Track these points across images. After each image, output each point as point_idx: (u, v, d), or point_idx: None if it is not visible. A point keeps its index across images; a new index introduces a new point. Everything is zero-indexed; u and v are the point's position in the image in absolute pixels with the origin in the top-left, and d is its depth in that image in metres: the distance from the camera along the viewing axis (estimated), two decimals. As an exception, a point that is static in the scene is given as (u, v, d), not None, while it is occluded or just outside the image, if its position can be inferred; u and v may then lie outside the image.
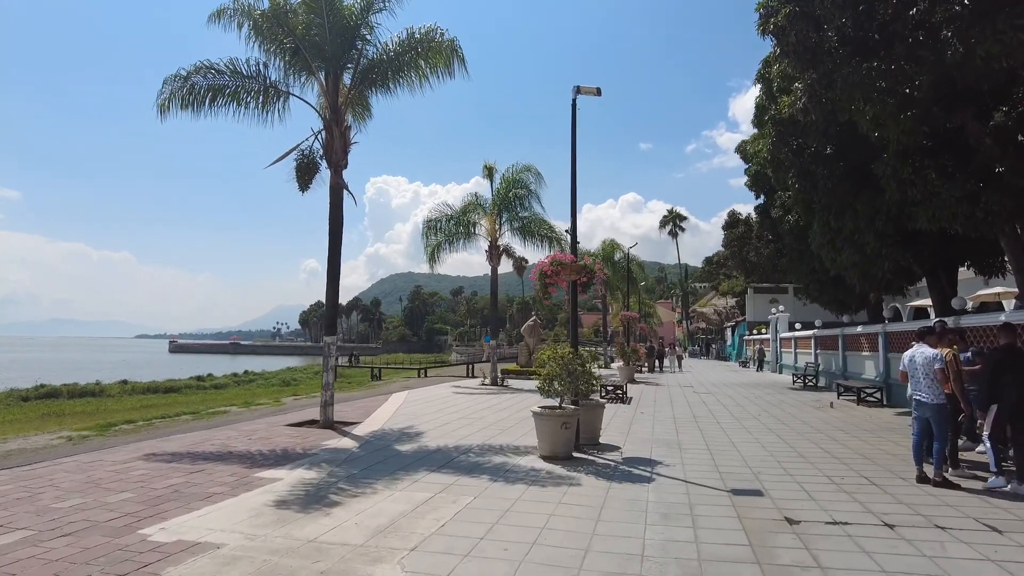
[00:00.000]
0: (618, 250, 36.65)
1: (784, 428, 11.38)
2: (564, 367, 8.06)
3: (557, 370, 8.07)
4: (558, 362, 8.11)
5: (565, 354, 8.17)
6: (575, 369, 8.07)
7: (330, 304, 11.28)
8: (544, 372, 8.13)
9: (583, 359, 8.37)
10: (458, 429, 10.80)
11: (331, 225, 11.38)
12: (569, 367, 8.07)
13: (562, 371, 8.03)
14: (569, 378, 8.03)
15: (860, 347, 18.32)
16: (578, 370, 8.10)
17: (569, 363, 8.11)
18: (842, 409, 14.60)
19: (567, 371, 8.03)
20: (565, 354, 8.17)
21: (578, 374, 8.08)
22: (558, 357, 8.16)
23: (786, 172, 16.24)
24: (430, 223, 20.42)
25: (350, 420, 11.75)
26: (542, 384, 8.09)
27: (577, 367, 8.09)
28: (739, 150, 23.12)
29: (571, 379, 8.04)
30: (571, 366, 8.08)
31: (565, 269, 8.35)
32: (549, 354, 8.22)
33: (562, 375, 8.02)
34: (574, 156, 8.99)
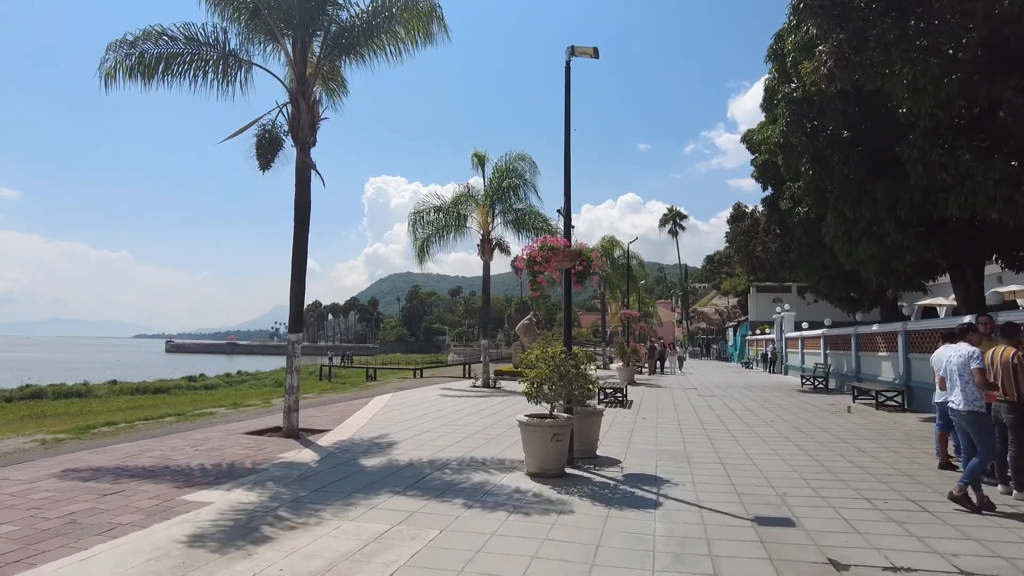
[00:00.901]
0: (617, 247, 35.46)
1: (802, 437, 10.20)
2: (555, 369, 6.88)
3: (547, 372, 6.89)
4: (548, 363, 6.93)
5: (556, 354, 6.99)
6: (568, 371, 6.89)
7: (295, 297, 10.09)
8: (531, 374, 6.94)
9: (578, 359, 7.19)
10: (438, 438, 9.61)
11: (297, 208, 10.20)
12: (561, 369, 6.89)
13: (553, 373, 6.84)
14: (561, 382, 6.84)
15: (876, 347, 17.15)
16: (571, 372, 6.92)
17: (561, 364, 6.93)
18: (860, 414, 13.43)
19: (559, 373, 6.85)
20: (556, 354, 6.99)
21: (571, 377, 6.90)
22: (548, 357, 6.97)
23: (798, 158, 15.06)
24: (417, 215, 19.19)
25: (318, 428, 10.56)
26: (529, 389, 6.91)
27: (570, 369, 6.91)
28: (745, 139, 21.95)
29: (563, 383, 6.86)
30: (563, 368, 6.90)
31: (557, 255, 7.16)
32: (538, 354, 7.03)
33: (553, 378, 6.84)
34: (568, 125, 7.82)
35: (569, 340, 7.75)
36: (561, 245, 7.28)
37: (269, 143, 9.96)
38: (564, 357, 6.98)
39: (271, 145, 9.99)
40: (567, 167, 7.70)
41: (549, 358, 6.95)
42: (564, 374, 6.88)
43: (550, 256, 7.13)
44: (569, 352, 7.35)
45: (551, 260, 7.25)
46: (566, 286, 7.73)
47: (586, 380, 7.01)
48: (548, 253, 7.10)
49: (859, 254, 15.00)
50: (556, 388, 6.85)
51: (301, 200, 10.22)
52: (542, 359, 6.92)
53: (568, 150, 7.73)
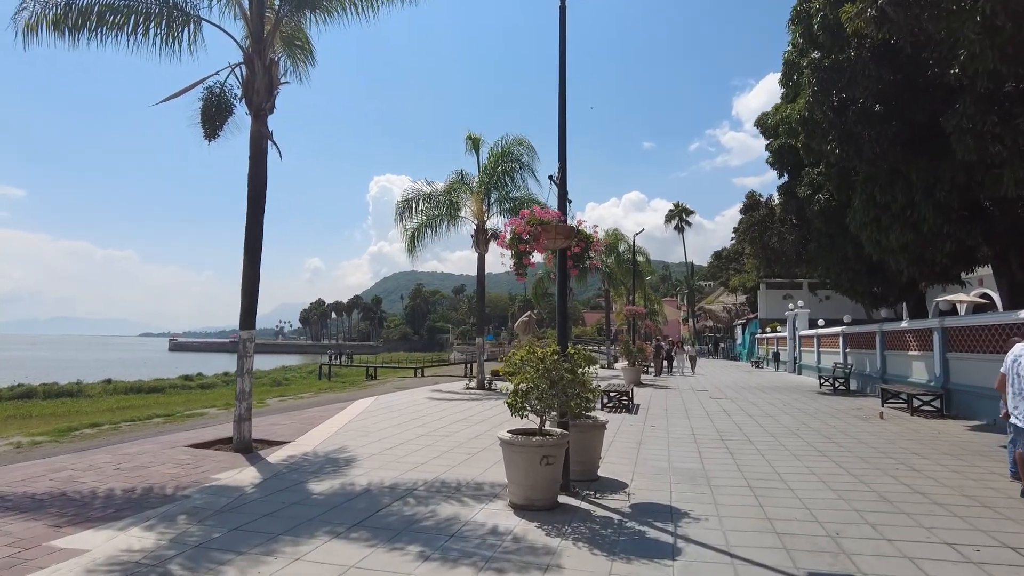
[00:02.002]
0: (622, 241, 33.96)
1: (837, 450, 8.75)
2: (544, 374, 5.46)
3: (534, 378, 5.47)
4: (535, 366, 5.51)
5: (546, 355, 5.56)
6: (561, 377, 5.47)
7: (248, 288, 8.70)
8: (515, 381, 5.53)
9: (574, 362, 5.78)
10: (411, 453, 8.21)
11: (251, 184, 8.80)
12: (552, 374, 5.47)
13: (541, 380, 5.42)
14: (552, 390, 5.43)
15: (906, 346, 15.66)
16: (565, 378, 5.50)
17: (552, 368, 5.51)
18: (895, 420, 11.96)
19: (549, 380, 5.43)
20: (546, 355, 5.56)
21: (566, 384, 5.47)
22: (535, 359, 5.55)
23: (823, 137, 13.57)
24: (406, 204, 17.76)
25: (276, 439, 9.17)
26: (512, 399, 5.49)
27: (564, 374, 5.49)
28: (759, 123, 20.45)
29: (555, 391, 5.44)
30: (555, 372, 5.48)
31: (548, 231, 5.73)
32: (523, 354, 5.61)
33: (541, 385, 5.42)
34: (563, 72, 6.39)
35: (564, 337, 6.33)
36: (553, 218, 5.84)
37: (217, 108, 8.55)
38: (556, 359, 5.56)
39: (219, 111, 8.58)
40: (562, 119, 6.27)
41: (537, 360, 5.53)
42: (556, 380, 5.46)
43: (539, 232, 5.70)
44: (563, 353, 5.94)
45: (540, 237, 5.82)
46: (560, 270, 6.31)
47: (584, 387, 5.58)
48: (537, 228, 5.68)
49: (890, 242, 13.52)
50: (546, 398, 5.43)
51: (256, 175, 8.82)
52: (528, 361, 5.50)
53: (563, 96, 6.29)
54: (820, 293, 42.15)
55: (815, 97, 12.51)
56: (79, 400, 26.63)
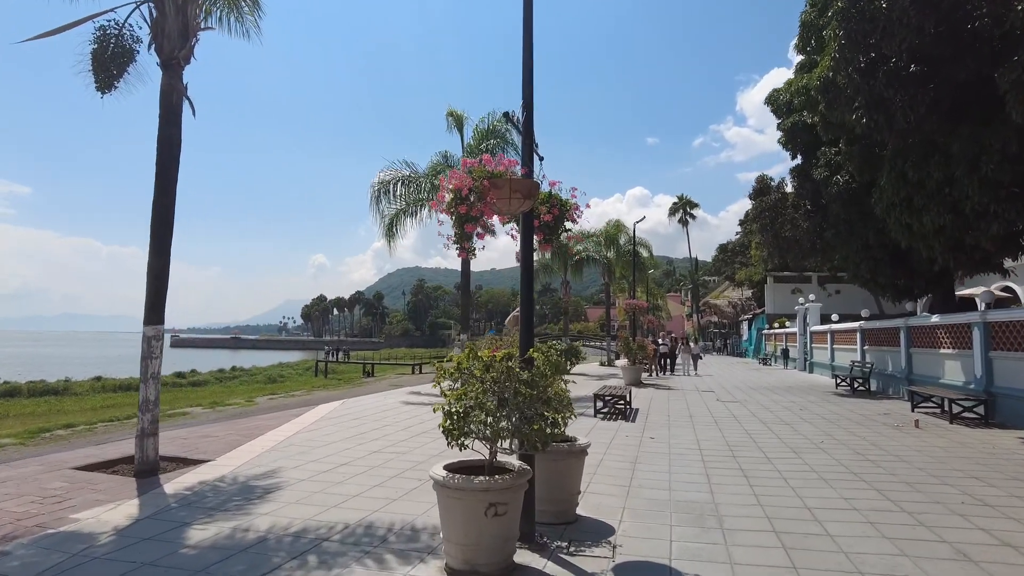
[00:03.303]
0: (623, 233, 32.28)
1: (876, 471, 7.13)
2: (493, 387, 3.86)
3: (479, 394, 3.87)
4: (482, 376, 3.90)
5: (495, 360, 3.96)
6: (516, 391, 3.87)
7: (154, 275, 7.11)
8: (450, 396, 3.93)
9: (539, 370, 4.17)
10: (350, 479, 6.63)
11: (160, 149, 7.22)
12: (501, 387, 3.87)
13: (487, 395, 3.82)
14: (503, 410, 3.83)
15: (937, 343, 13.99)
16: (523, 393, 3.89)
17: (502, 379, 3.90)
18: (933, 430, 10.33)
19: (497, 395, 3.83)
20: (495, 360, 3.96)
21: (522, 401, 3.87)
22: (481, 366, 3.95)
23: (847, 104, 11.88)
24: (382, 186, 16.11)
25: (196, 456, 7.61)
26: (446, 424, 3.89)
27: (519, 387, 3.88)
28: (770, 101, 18.74)
29: (509, 412, 3.84)
30: (506, 385, 3.88)
31: (500, 188, 4.12)
32: (460, 360, 4.00)
33: (487, 404, 3.82)
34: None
35: (529, 335, 4.73)
36: (508, 171, 4.23)
37: (114, 53, 6.96)
38: (509, 366, 3.95)
39: (117, 57, 6.99)
40: (527, 28, 4.63)
41: (482, 368, 3.93)
42: (508, 397, 3.86)
43: (486, 190, 4.09)
44: (525, 356, 4.34)
45: (496, 200, 4.22)
46: (523, 242, 4.70)
47: (548, 405, 3.98)
48: (481, 181, 4.07)
49: (923, 226, 11.86)
50: (495, 421, 3.83)
51: (167, 137, 7.23)
52: (469, 369, 3.90)
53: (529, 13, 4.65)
54: (830, 287, 40.44)
55: (841, 54, 10.82)
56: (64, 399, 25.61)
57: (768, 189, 19.12)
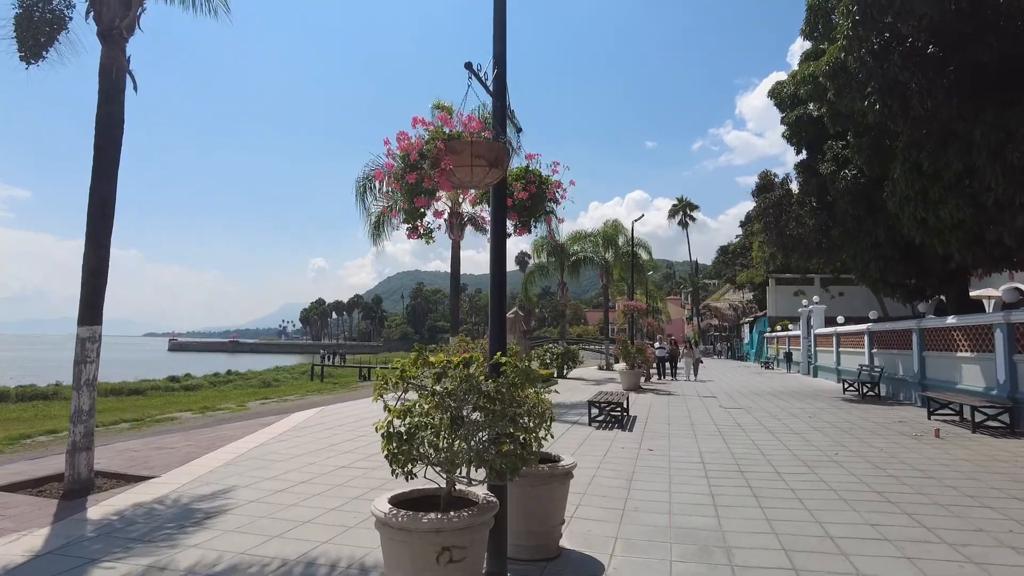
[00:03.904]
0: (621, 234, 31.47)
1: (901, 489, 6.33)
2: (447, 401, 3.06)
3: (430, 410, 3.07)
4: (432, 388, 3.11)
5: (449, 366, 3.16)
6: (477, 407, 3.07)
7: (90, 270, 6.33)
8: (393, 411, 3.13)
9: (508, 378, 3.36)
10: (304, 500, 5.83)
11: (99, 129, 6.44)
12: (461, 401, 3.07)
13: (438, 412, 3.03)
14: (457, 431, 3.03)
15: (953, 346, 13.19)
16: (487, 409, 3.09)
17: (465, 390, 3.11)
18: (956, 440, 9.53)
19: (454, 411, 3.03)
20: (449, 366, 3.16)
21: (485, 420, 3.07)
22: (433, 373, 3.15)
23: (859, 90, 11.11)
24: (367, 182, 15.31)
25: (140, 472, 6.80)
26: (389, 447, 3.08)
27: (481, 402, 3.09)
28: (773, 94, 17.99)
29: (468, 432, 3.04)
30: (467, 399, 3.08)
31: (457, 152, 3.33)
32: (407, 366, 3.19)
33: (439, 424, 3.02)
34: None
35: (500, 336, 3.94)
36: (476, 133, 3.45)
37: (41, 20, 6.19)
38: (468, 375, 3.15)
39: (46, 24, 6.22)
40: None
41: (435, 376, 3.13)
42: (472, 411, 3.06)
43: (441, 155, 3.30)
44: (493, 363, 3.54)
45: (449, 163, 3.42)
46: (493, 220, 3.91)
47: (518, 424, 3.17)
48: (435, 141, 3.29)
49: (940, 220, 11.08)
50: (449, 444, 3.03)
51: (107, 116, 6.46)
52: (415, 377, 3.10)
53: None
54: (833, 289, 39.67)
55: (854, 31, 10.05)
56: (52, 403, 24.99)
57: (772, 185, 18.36)
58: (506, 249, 4.00)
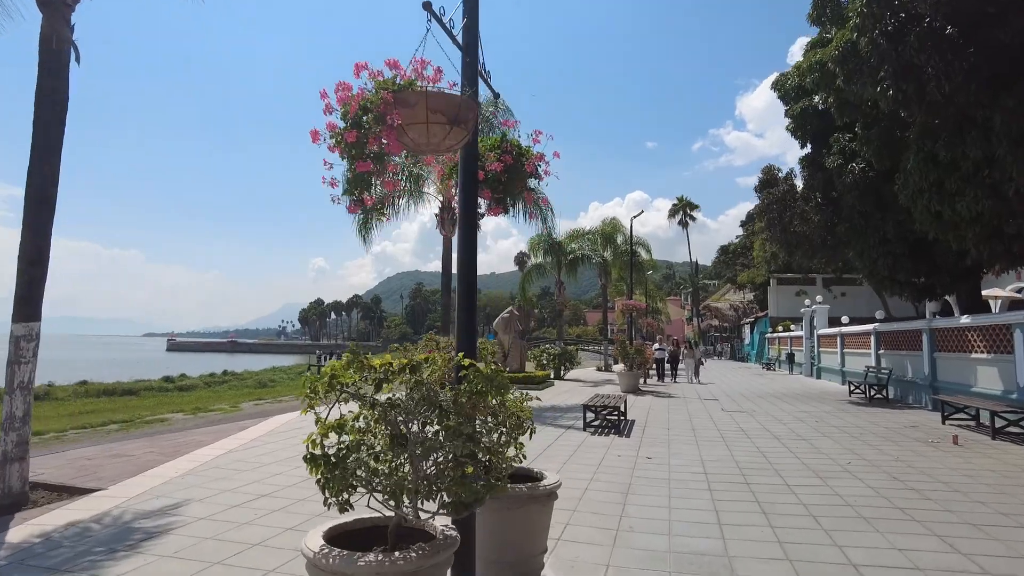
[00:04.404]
0: (620, 232, 30.83)
1: (924, 503, 5.71)
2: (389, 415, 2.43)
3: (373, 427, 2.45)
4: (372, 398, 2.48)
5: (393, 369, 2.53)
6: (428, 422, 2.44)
7: (28, 260, 5.70)
8: (322, 428, 2.50)
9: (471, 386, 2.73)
10: (259, 519, 5.21)
11: (39, 108, 5.84)
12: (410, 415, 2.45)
13: (377, 429, 2.40)
14: (398, 455, 2.40)
15: (967, 347, 12.57)
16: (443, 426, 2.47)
17: (417, 402, 2.48)
18: (974, 447, 8.91)
19: (395, 428, 2.41)
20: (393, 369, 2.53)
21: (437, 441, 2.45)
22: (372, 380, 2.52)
23: (871, 75, 10.49)
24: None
25: (86, 485, 6.17)
26: (315, 468, 2.46)
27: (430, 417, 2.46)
28: (777, 86, 17.37)
29: (415, 455, 2.42)
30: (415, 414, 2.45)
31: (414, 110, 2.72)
32: (338, 371, 2.56)
33: (376, 444, 2.40)
34: None
35: (469, 334, 3.32)
36: (431, 86, 2.81)
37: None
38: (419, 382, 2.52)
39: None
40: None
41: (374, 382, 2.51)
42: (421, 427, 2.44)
43: (389, 108, 2.67)
44: (458, 365, 2.91)
45: (399, 119, 2.78)
46: (462, 197, 3.28)
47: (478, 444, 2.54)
48: (385, 98, 2.66)
49: (956, 213, 10.47)
50: (393, 469, 2.41)
51: (48, 89, 5.85)
52: (350, 384, 2.48)
53: None
54: (835, 289, 39.05)
55: (869, 8, 9.44)
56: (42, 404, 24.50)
57: (775, 181, 17.74)
58: (476, 230, 3.37)
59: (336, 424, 2.43)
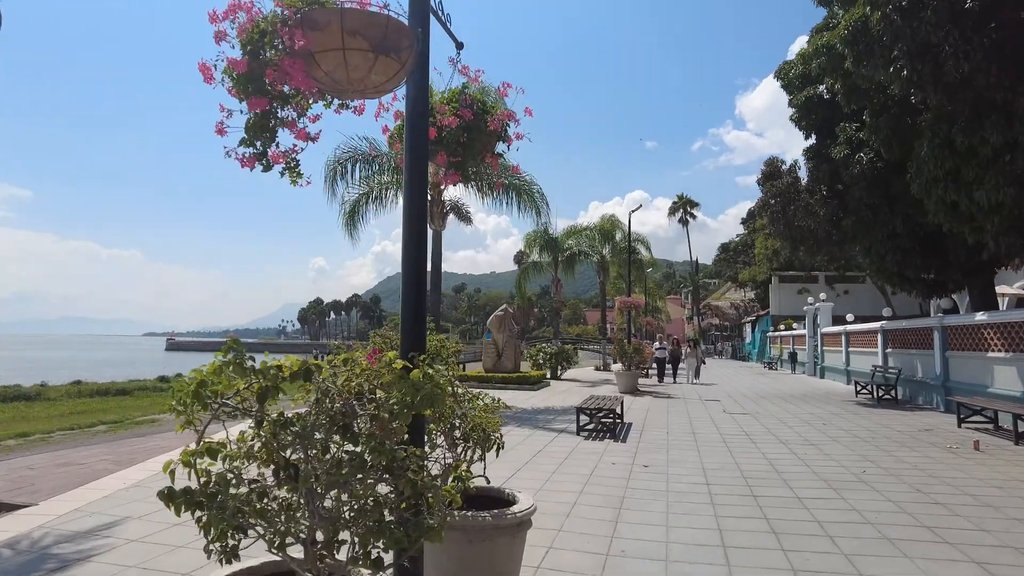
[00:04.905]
0: (619, 229, 30.16)
1: (960, 526, 5.06)
2: (282, 438, 1.78)
3: (258, 454, 1.80)
4: (259, 414, 1.83)
5: (292, 375, 1.88)
6: (326, 449, 1.80)
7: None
8: (185, 455, 1.85)
9: (400, 397, 2.07)
10: (194, 542, 4.55)
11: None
12: (307, 441, 1.80)
13: (260, 456, 1.75)
14: (300, 493, 1.75)
15: (983, 345, 11.92)
16: (347, 457, 1.82)
17: (317, 420, 1.83)
18: (997, 454, 8.27)
19: (272, 460, 1.76)
20: (292, 375, 1.88)
21: (344, 474, 1.80)
22: (256, 389, 1.87)
23: (883, 55, 9.83)
24: (338, 166, 13.99)
25: (14, 500, 5.54)
26: (176, 510, 1.82)
27: (332, 441, 1.81)
28: (780, 75, 16.70)
29: (310, 495, 1.77)
30: (310, 441, 1.80)
31: (326, 33, 2.08)
32: (208, 379, 1.91)
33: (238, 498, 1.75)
34: None
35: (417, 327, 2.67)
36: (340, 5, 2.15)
37: None
38: (326, 392, 1.88)
39: None
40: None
41: (257, 394, 1.86)
42: (321, 457, 1.80)
43: (295, 28, 2.02)
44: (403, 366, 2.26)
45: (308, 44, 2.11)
46: (408, 158, 2.63)
47: (398, 476, 1.89)
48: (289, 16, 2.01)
49: (975, 202, 9.82)
50: (284, 508, 1.76)
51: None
52: (216, 396, 1.83)
53: None
54: (838, 287, 38.43)
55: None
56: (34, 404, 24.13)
57: (779, 173, 17.07)
58: (426, 198, 2.72)
59: (205, 449, 1.79)
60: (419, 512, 1.88)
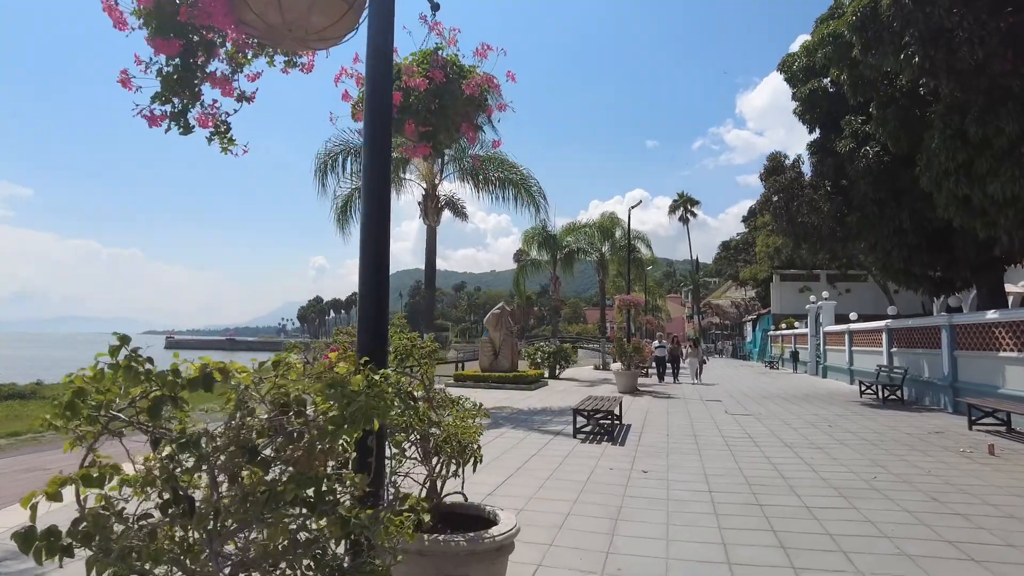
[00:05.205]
0: (619, 226, 29.76)
1: (986, 540, 4.68)
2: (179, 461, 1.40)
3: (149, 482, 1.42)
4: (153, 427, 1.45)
5: (191, 381, 1.50)
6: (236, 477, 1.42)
7: None
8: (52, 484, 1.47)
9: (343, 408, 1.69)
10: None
11: None
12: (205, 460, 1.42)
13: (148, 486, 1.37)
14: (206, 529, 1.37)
15: (994, 345, 11.53)
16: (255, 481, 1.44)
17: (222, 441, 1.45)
18: (1012, 456, 7.89)
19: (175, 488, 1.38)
20: (191, 381, 1.50)
21: (266, 500, 1.41)
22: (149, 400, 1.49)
23: (892, 42, 9.44)
24: (329, 160, 13.61)
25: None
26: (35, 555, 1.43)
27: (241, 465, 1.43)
28: (783, 67, 16.30)
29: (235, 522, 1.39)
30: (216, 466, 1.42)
31: None
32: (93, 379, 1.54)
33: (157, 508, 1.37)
34: None
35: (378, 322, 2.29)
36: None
37: None
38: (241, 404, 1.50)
39: None
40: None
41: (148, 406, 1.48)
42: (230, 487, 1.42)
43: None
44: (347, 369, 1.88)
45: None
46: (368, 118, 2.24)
47: (329, 511, 1.51)
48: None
49: (989, 196, 9.44)
50: (185, 550, 1.38)
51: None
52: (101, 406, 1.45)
53: None
54: (840, 285, 38.02)
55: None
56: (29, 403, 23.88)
57: (782, 168, 16.67)
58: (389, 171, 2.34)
59: (81, 476, 1.41)
60: (359, 553, 1.50)
